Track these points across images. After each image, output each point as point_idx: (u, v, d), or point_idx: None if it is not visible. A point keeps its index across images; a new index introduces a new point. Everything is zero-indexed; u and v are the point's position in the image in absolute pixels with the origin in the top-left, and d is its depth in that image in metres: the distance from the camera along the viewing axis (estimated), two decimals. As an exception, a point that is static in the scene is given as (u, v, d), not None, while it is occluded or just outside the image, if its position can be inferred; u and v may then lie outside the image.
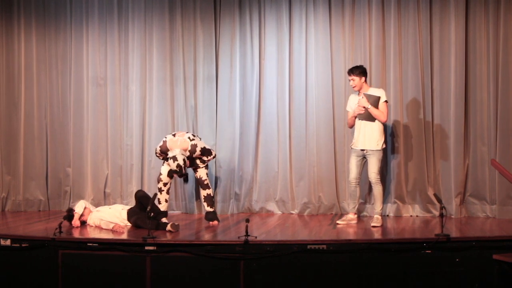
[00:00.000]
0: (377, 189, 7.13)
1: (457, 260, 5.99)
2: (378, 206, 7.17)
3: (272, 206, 8.35)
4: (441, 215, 6.21)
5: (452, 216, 7.65)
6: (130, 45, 8.65)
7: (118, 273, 6.19)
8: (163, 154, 7.30)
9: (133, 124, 8.61)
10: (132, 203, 7.75)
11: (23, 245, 6.40)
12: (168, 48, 8.53)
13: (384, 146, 7.17)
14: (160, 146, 7.31)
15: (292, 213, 8.23)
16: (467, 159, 7.78)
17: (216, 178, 8.34)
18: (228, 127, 8.34)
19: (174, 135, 7.37)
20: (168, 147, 7.24)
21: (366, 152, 7.12)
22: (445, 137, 7.81)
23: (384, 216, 7.72)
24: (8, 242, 6.43)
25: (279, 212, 8.29)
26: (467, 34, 7.76)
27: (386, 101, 7.09)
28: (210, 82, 8.40)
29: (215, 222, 7.38)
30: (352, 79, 7.11)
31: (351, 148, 7.28)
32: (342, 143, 8.11)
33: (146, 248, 6.15)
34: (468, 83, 7.76)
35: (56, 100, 8.81)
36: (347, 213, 7.47)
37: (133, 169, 8.60)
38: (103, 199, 8.65)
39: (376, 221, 7.06)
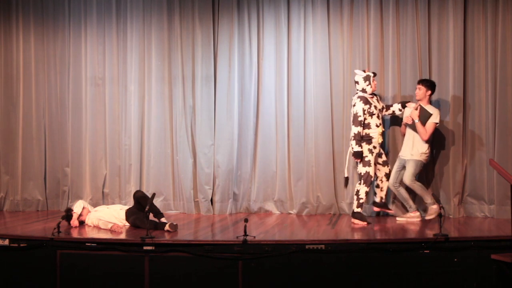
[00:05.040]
0: (416, 188, 7.24)
1: (456, 260, 6.00)
2: (427, 199, 7.26)
3: (270, 206, 8.35)
4: (440, 215, 6.23)
5: (451, 216, 7.66)
6: (129, 45, 8.64)
7: (116, 273, 6.19)
8: None
9: (131, 124, 8.61)
10: (131, 203, 7.75)
11: (21, 245, 6.40)
12: (167, 48, 8.53)
13: (424, 157, 7.28)
14: None
15: (290, 213, 8.22)
16: (465, 159, 7.78)
17: (215, 178, 8.33)
18: (226, 127, 8.33)
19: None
20: None
21: (405, 162, 7.31)
22: (443, 137, 7.81)
23: (382, 216, 7.75)
24: (6, 242, 6.43)
25: (278, 212, 8.29)
26: (465, 34, 7.76)
27: (436, 123, 7.23)
28: (208, 82, 8.40)
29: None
30: (419, 88, 7.32)
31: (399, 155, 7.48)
32: (341, 143, 8.11)
33: (145, 248, 6.16)
34: (466, 83, 7.76)
35: (55, 100, 8.80)
36: (346, 213, 7.48)
37: (131, 169, 8.59)
38: (101, 199, 8.63)
39: (430, 212, 7.14)
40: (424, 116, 7.22)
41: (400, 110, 7.52)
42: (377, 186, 7.63)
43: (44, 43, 8.83)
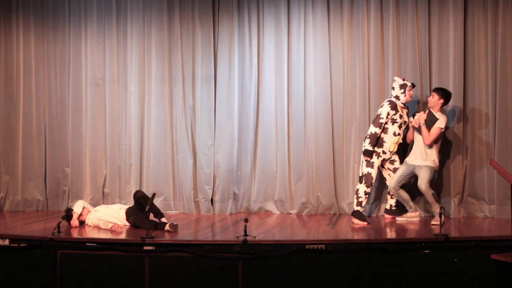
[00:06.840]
0: (428, 195, 7.18)
1: (456, 260, 6.01)
2: (434, 208, 7.21)
3: (270, 206, 8.35)
4: (440, 215, 6.23)
5: (451, 216, 7.66)
6: (129, 45, 8.64)
7: (116, 273, 6.19)
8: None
9: (131, 124, 8.61)
10: (131, 203, 7.75)
11: (21, 245, 6.40)
12: (167, 48, 8.53)
13: (436, 164, 7.25)
14: None
15: (290, 213, 8.22)
16: (465, 159, 7.78)
17: (215, 178, 8.33)
18: (226, 127, 8.33)
19: None
20: None
21: (415, 168, 7.26)
22: (443, 137, 7.80)
23: (382, 216, 7.76)
24: (6, 242, 6.43)
25: (278, 212, 8.29)
26: (465, 34, 7.76)
27: (441, 128, 7.19)
28: (208, 82, 8.39)
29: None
30: (432, 95, 7.33)
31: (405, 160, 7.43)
32: (341, 143, 8.11)
33: (145, 248, 6.16)
34: (466, 82, 7.76)
35: (55, 100, 8.80)
36: (346, 213, 7.48)
37: (131, 169, 8.59)
38: (101, 199, 8.63)
39: (435, 220, 7.07)
40: (431, 121, 7.21)
41: (411, 121, 7.53)
42: (388, 193, 7.67)
43: (44, 43, 8.82)
